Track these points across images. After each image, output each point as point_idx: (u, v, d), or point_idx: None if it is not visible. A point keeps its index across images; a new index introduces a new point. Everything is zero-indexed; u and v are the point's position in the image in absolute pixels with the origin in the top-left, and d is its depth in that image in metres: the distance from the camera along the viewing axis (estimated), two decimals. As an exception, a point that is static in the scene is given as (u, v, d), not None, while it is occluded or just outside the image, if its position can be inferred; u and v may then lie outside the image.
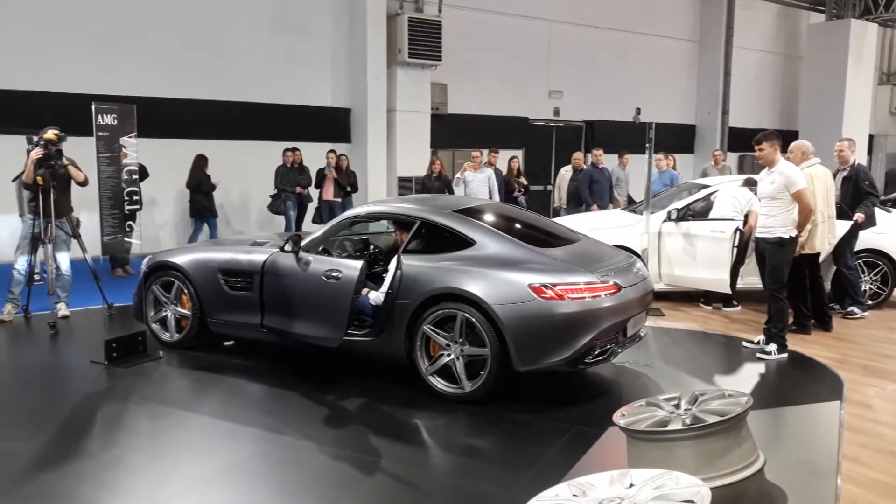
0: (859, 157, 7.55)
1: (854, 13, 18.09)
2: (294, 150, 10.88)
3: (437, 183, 10.34)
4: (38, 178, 6.45)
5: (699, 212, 7.94)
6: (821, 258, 6.85)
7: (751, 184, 7.63)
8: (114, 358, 5.57)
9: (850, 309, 7.35)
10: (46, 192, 6.49)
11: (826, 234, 6.61)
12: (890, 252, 7.65)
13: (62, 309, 6.92)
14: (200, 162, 10.21)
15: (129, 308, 6.50)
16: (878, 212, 7.58)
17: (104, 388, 5.23)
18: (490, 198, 9.77)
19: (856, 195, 7.29)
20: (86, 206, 8.22)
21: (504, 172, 11.71)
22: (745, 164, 17.88)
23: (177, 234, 11.24)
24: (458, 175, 10.32)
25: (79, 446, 4.19)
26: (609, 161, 11.48)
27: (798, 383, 5.60)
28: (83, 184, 7.04)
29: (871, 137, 19.60)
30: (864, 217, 7.19)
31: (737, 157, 17.99)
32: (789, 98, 19.70)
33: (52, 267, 6.67)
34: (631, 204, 10.63)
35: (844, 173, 7.43)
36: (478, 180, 10.09)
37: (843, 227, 7.04)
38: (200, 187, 10.16)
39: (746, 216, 7.32)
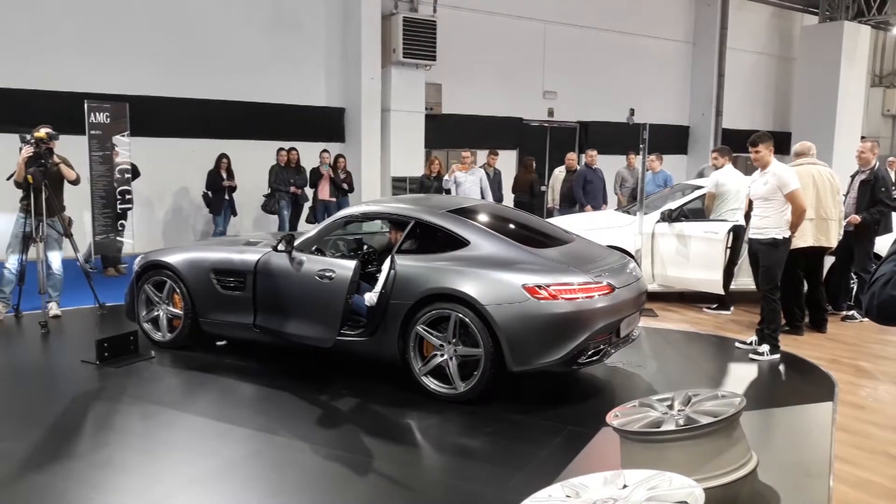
0: (851, 159, 7.43)
1: (847, 15, 18.16)
2: (291, 149, 10.86)
3: (435, 183, 10.35)
4: (29, 177, 6.42)
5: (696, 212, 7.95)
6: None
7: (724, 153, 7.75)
8: (105, 358, 5.54)
9: (852, 313, 7.28)
10: (38, 190, 6.45)
11: (813, 233, 6.50)
12: (881, 253, 7.67)
13: (53, 308, 6.88)
14: (217, 160, 10.47)
15: (121, 308, 6.46)
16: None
17: (95, 387, 5.20)
18: (483, 198, 9.77)
19: (871, 201, 7.04)
20: (78, 206, 8.17)
21: (522, 171, 11.91)
22: (738, 165, 17.88)
23: (169, 233, 11.21)
24: (446, 177, 10.32)
25: (69, 446, 4.16)
26: (607, 161, 11.48)
27: (791, 384, 5.62)
28: (75, 182, 7.00)
29: (863, 139, 19.68)
30: (861, 222, 7.00)
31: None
32: (783, 99, 19.77)
33: (44, 266, 6.63)
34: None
35: (863, 176, 7.15)
36: (469, 181, 10.11)
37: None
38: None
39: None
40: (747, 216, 6.38)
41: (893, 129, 23.12)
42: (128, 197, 8.28)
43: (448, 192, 10.10)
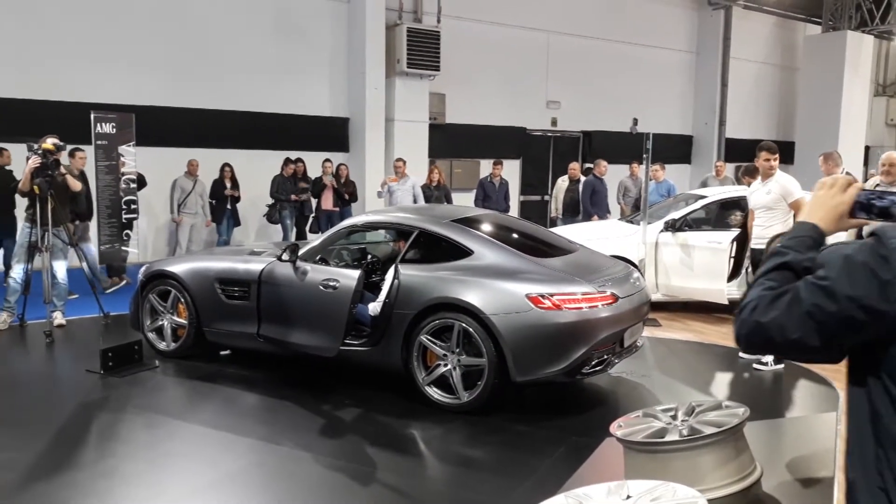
0: (856, 169, 7.36)
1: (850, 25, 18.18)
2: (298, 160, 10.89)
3: (436, 192, 10.41)
4: (35, 187, 6.45)
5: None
6: None
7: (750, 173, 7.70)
8: (109, 367, 5.55)
9: None
10: (44, 200, 6.48)
11: None
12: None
13: (58, 318, 6.90)
14: (221, 170, 10.61)
15: (126, 317, 6.48)
16: None
17: (99, 397, 5.21)
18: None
19: None
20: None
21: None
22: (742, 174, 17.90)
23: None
24: (378, 189, 10.53)
25: (73, 456, 4.17)
26: (610, 171, 11.47)
27: (795, 394, 5.60)
28: (81, 193, 7.04)
29: (867, 149, 19.67)
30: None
31: (734, 167, 18.02)
32: (786, 109, 19.77)
33: (49, 276, 6.66)
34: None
35: None
36: (401, 191, 10.26)
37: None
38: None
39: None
40: (747, 226, 6.38)
41: (897, 139, 23.08)
42: (133, 206, 8.31)
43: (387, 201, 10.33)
